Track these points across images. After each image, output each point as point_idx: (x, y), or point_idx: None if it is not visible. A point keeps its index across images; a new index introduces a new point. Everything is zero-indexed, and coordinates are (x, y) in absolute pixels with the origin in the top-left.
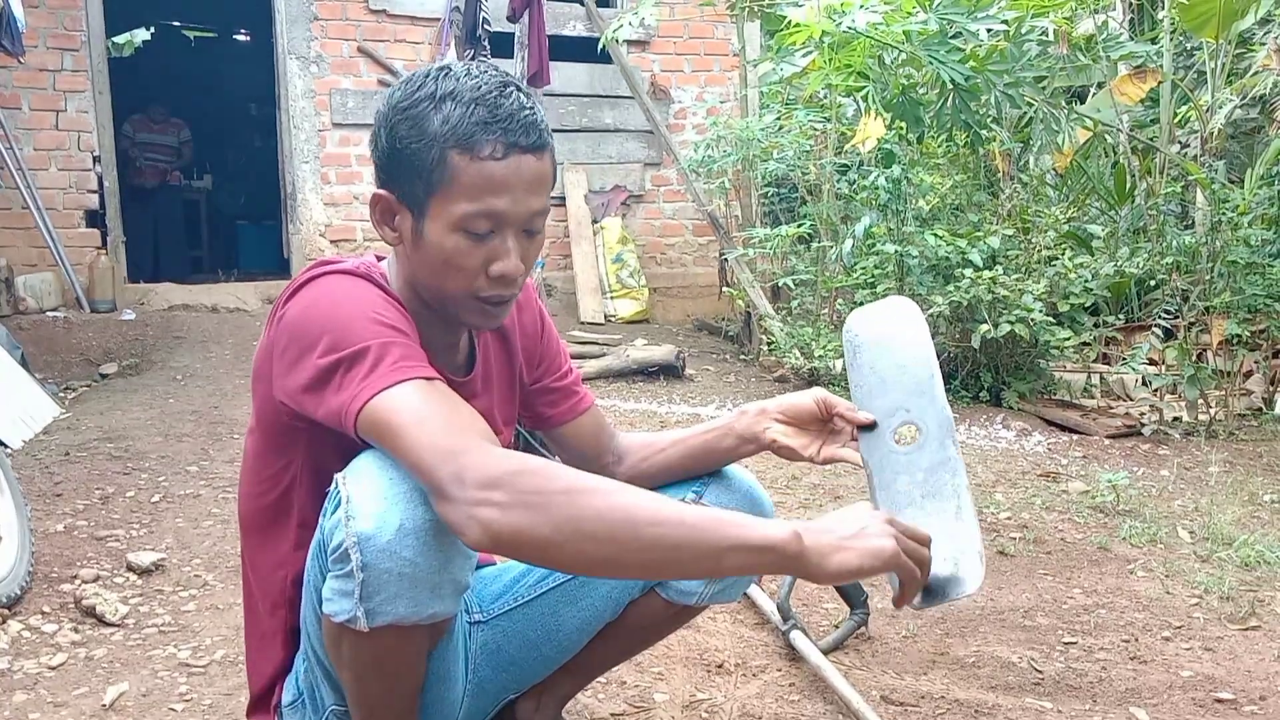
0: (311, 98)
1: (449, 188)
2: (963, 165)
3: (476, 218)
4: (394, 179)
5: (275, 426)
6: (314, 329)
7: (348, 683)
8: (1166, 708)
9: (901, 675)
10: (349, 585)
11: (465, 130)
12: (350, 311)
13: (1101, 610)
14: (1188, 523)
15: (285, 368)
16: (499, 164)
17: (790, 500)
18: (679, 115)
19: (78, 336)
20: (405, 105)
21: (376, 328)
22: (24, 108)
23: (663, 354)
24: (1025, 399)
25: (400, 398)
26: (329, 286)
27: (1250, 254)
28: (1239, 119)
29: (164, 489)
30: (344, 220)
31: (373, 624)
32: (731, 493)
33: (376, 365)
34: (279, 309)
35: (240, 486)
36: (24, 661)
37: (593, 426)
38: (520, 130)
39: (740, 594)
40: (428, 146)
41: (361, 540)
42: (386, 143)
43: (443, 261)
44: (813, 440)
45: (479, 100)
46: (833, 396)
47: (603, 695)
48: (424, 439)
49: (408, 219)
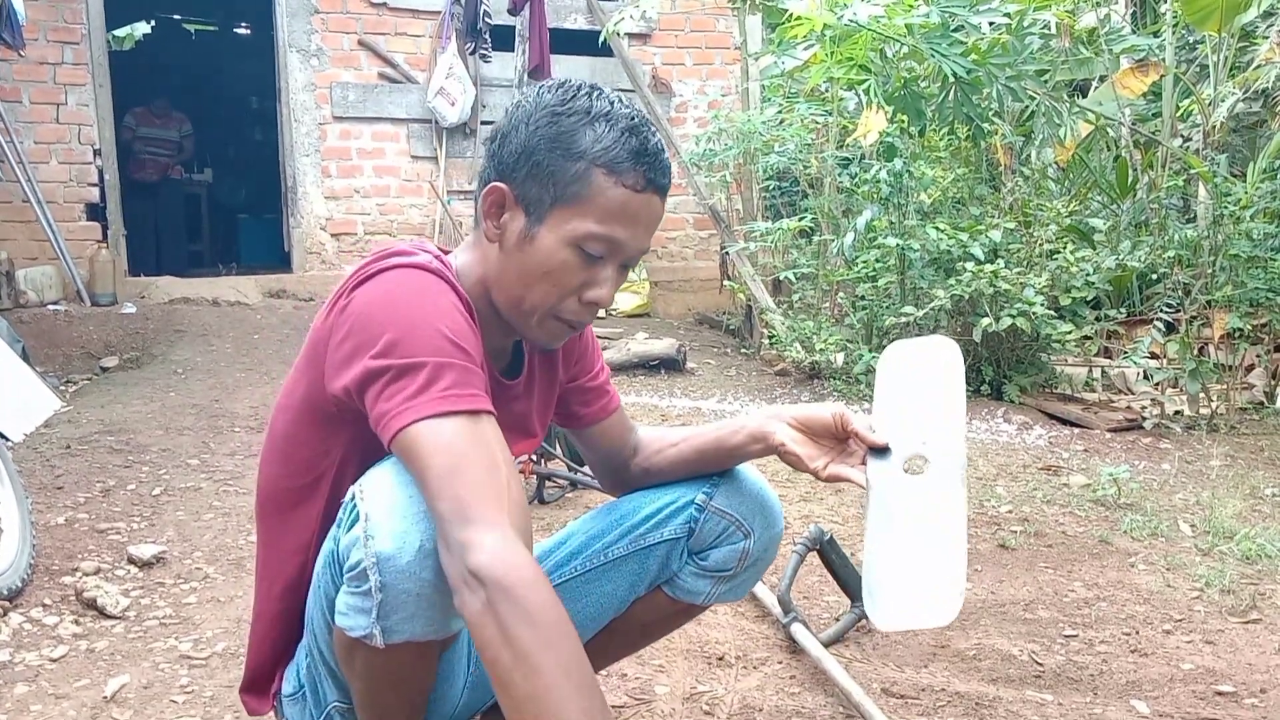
0: (312, 91)
1: (582, 204)
2: (964, 159)
3: (598, 240)
4: (518, 177)
5: (320, 413)
6: (375, 326)
7: (358, 690)
8: (1167, 700)
9: (902, 668)
10: (366, 603)
11: (617, 155)
12: (417, 316)
13: (1102, 603)
14: (1189, 516)
15: (341, 358)
16: (637, 195)
17: (792, 494)
18: (680, 109)
19: (78, 330)
20: (558, 111)
21: (440, 342)
22: (24, 101)
23: (664, 348)
24: (1026, 392)
25: (440, 435)
26: (401, 282)
27: (1252, 248)
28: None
29: (165, 482)
30: (345, 214)
31: (389, 641)
32: (742, 495)
33: (428, 386)
34: (343, 295)
35: (265, 464)
36: (25, 653)
37: (619, 426)
38: (661, 170)
39: (747, 592)
40: (573, 157)
41: (381, 561)
42: (524, 140)
43: (544, 272)
44: (822, 454)
45: (633, 130)
46: (851, 414)
47: (604, 688)
48: (448, 490)
49: (519, 220)
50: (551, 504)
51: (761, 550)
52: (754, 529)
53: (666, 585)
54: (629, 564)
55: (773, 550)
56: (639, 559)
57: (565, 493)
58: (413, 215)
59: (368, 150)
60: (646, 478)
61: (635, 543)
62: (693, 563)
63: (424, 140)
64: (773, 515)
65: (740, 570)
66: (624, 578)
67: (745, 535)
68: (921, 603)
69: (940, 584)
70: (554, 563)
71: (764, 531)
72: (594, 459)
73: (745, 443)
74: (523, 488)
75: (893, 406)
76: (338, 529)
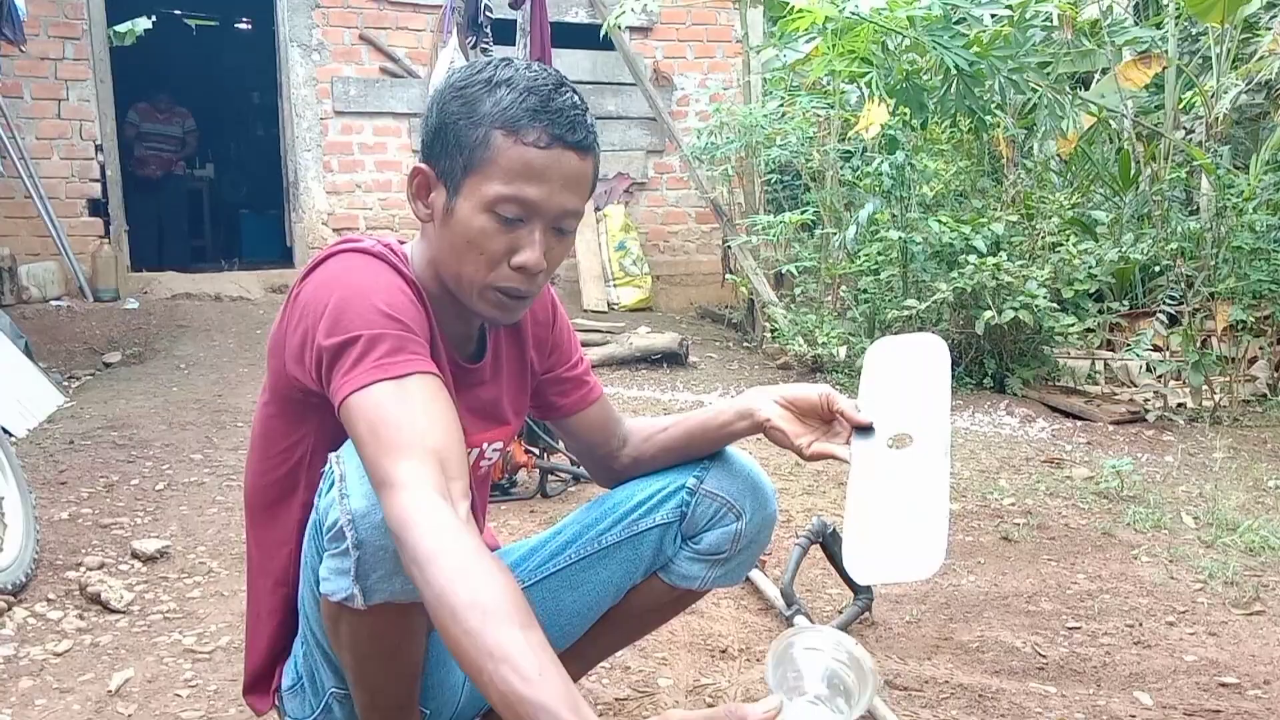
0: (313, 86)
1: (487, 167)
2: (966, 151)
3: (508, 201)
4: (436, 155)
5: (288, 402)
6: (318, 308)
7: (348, 665)
8: (1170, 692)
9: (905, 660)
10: (345, 564)
11: (514, 114)
12: (352, 294)
13: (1105, 595)
14: (1192, 508)
15: (295, 345)
16: (540, 152)
17: (794, 486)
18: (682, 102)
19: (81, 325)
20: (461, 85)
21: (371, 315)
22: (25, 96)
23: (666, 342)
24: (1029, 385)
25: (367, 403)
26: (341, 266)
27: (1255, 240)
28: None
29: (168, 477)
30: (347, 209)
31: (369, 602)
32: (733, 477)
33: (361, 359)
34: (296, 285)
35: (249, 463)
36: (30, 648)
37: (601, 416)
38: (567, 125)
39: (743, 577)
40: (474, 125)
41: (356, 518)
42: (436, 119)
43: (466, 242)
44: (808, 432)
45: (533, 90)
46: (837, 394)
47: (607, 680)
48: (369, 455)
49: (441, 195)
50: (554, 498)
51: (755, 532)
52: (746, 510)
53: (662, 571)
54: (623, 551)
55: (766, 532)
56: (632, 545)
57: (568, 487)
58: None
59: (369, 145)
60: (636, 467)
61: (628, 529)
62: (687, 547)
63: None
64: (765, 496)
65: (734, 553)
66: (618, 565)
67: (738, 517)
68: (902, 556)
69: (921, 540)
70: (548, 552)
71: (756, 512)
72: (579, 450)
73: (732, 420)
74: (452, 432)
75: (878, 393)
76: (319, 497)
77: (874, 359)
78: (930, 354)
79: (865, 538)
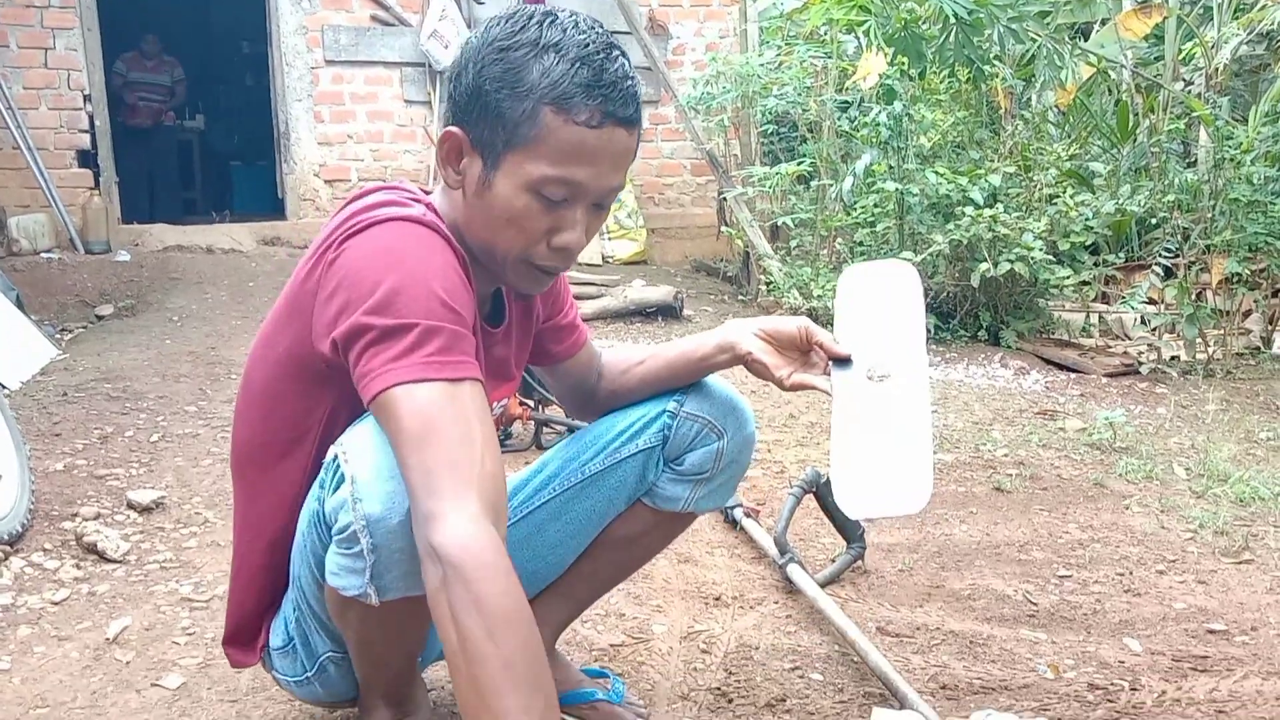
0: (304, 34)
1: (534, 145)
2: (965, 102)
3: (555, 183)
4: (471, 120)
5: (306, 370)
6: (367, 282)
7: (353, 643)
8: (1159, 638)
9: (897, 607)
10: (358, 564)
11: (566, 89)
12: (410, 274)
13: (1096, 545)
14: (1184, 460)
15: (331, 314)
16: (593, 132)
17: (788, 438)
18: (677, 51)
19: (73, 278)
20: (504, 45)
21: (431, 303)
22: (11, 45)
23: (661, 295)
24: (1024, 338)
25: (416, 400)
26: (396, 238)
27: (1252, 192)
28: (1245, 55)
29: (163, 429)
30: (339, 160)
31: (384, 599)
32: (712, 399)
33: (414, 350)
34: (331, 246)
35: (243, 417)
36: (27, 597)
37: (588, 357)
38: (621, 100)
39: (725, 501)
40: (520, 96)
41: (371, 523)
42: (473, 80)
43: (505, 219)
44: (787, 364)
45: (585, 60)
46: (815, 326)
47: (602, 627)
48: (416, 459)
49: (476, 165)
50: (549, 449)
51: (736, 451)
52: (727, 429)
53: (646, 497)
54: (606, 478)
55: (747, 452)
56: (615, 472)
57: (563, 438)
58: (407, 161)
59: (361, 95)
60: (615, 400)
61: (610, 456)
62: (670, 470)
63: (418, 84)
64: (744, 416)
65: (717, 472)
66: (602, 492)
67: (719, 436)
68: (891, 491)
69: (908, 475)
70: (533, 488)
71: (737, 431)
72: (563, 391)
73: (713, 353)
74: (500, 461)
75: (854, 323)
76: (320, 489)
77: (847, 288)
78: (902, 281)
79: (855, 473)
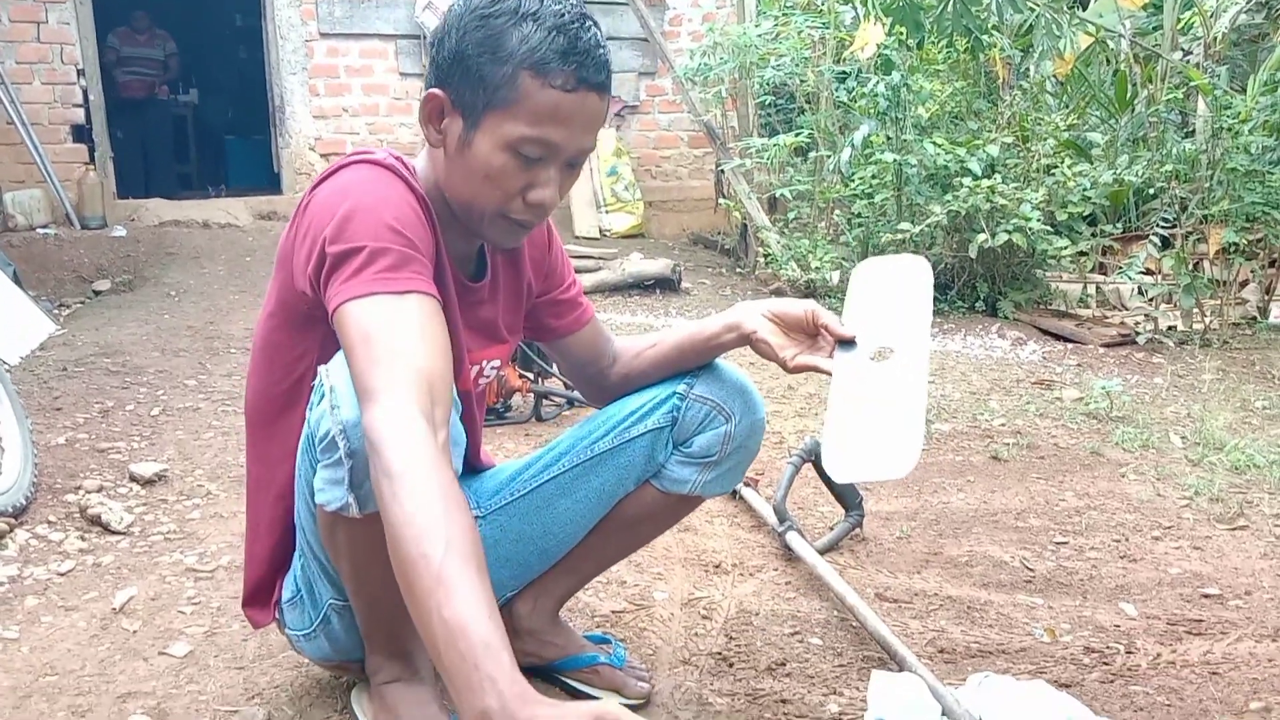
0: (298, 7)
1: (512, 107)
2: (963, 72)
3: (532, 143)
4: (453, 82)
5: (294, 314)
6: (326, 216)
7: (346, 574)
8: (1155, 603)
9: (895, 574)
10: (338, 473)
11: (543, 55)
12: (362, 204)
13: (1093, 512)
14: (1180, 428)
15: (304, 254)
16: (567, 96)
17: (786, 409)
18: (674, 22)
19: (69, 254)
20: (486, 13)
21: (379, 229)
22: (3, 19)
23: (659, 268)
24: (1021, 308)
25: (361, 312)
26: (354, 176)
27: (1250, 162)
28: (1243, 24)
29: (163, 403)
30: (334, 133)
31: (365, 510)
32: (721, 382)
33: (363, 269)
34: (306, 196)
35: (250, 377)
36: (33, 568)
37: (593, 336)
38: (593, 67)
39: (732, 486)
40: (500, 61)
41: (348, 427)
42: (455, 45)
43: (484, 176)
44: (792, 345)
45: (561, 29)
46: (822, 309)
47: (603, 594)
48: (358, 363)
49: (457, 124)
50: (549, 421)
51: (744, 435)
52: (735, 412)
53: (654, 478)
54: (616, 458)
55: (755, 437)
56: (624, 451)
57: (562, 411)
58: (403, 134)
59: (356, 68)
60: (627, 383)
61: (620, 436)
62: (678, 452)
63: (413, 57)
64: (753, 401)
65: (724, 455)
66: (612, 472)
67: (727, 419)
68: (879, 455)
69: (896, 440)
70: (544, 464)
71: (745, 415)
72: (571, 370)
73: (720, 332)
74: (441, 357)
75: (862, 309)
76: (309, 410)
77: (859, 277)
78: (914, 273)
79: (843, 438)
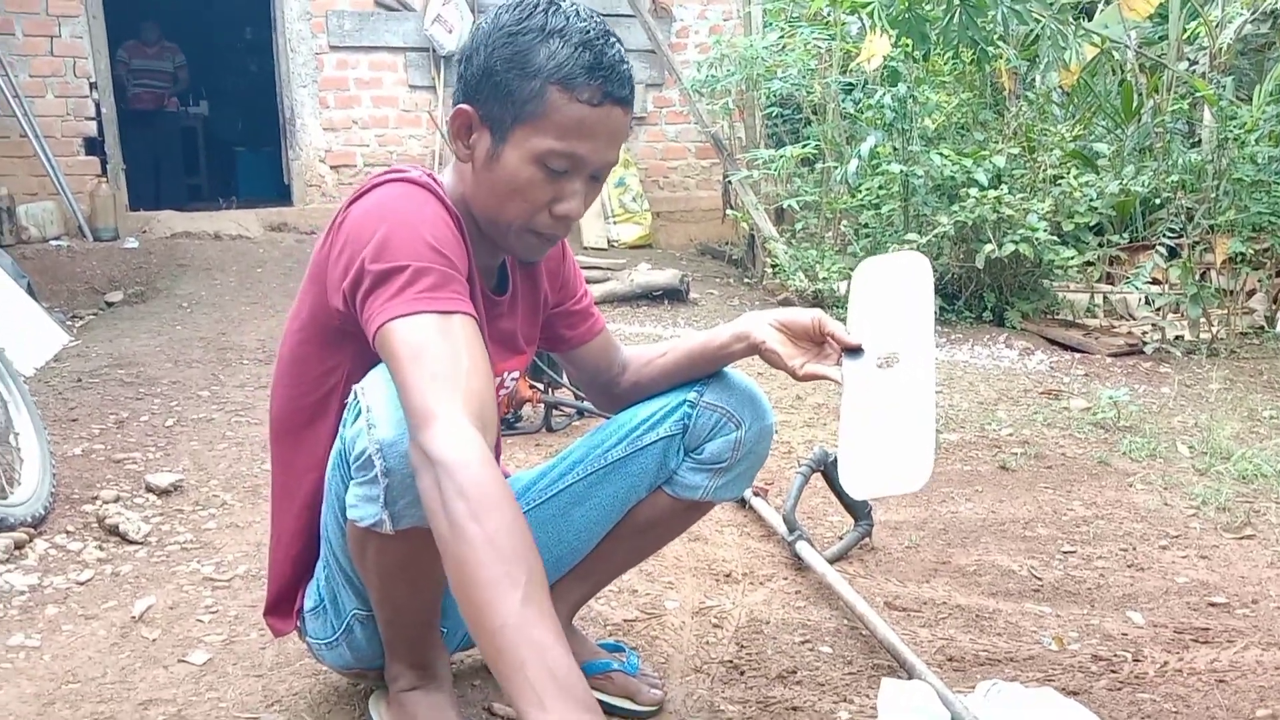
0: (308, 19)
1: (539, 121)
2: (968, 83)
3: (559, 156)
4: (481, 98)
5: (325, 330)
6: (365, 235)
7: (373, 586)
8: (1161, 611)
9: (904, 583)
10: (373, 491)
11: (571, 71)
12: (401, 223)
13: (1100, 521)
14: (1187, 438)
15: (340, 271)
16: (593, 110)
17: (795, 419)
18: (681, 34)
19: (82, 265)
20: (513, 30)
21: (420, 247)
22: (17, 33)
23: (667, 278)
24: (1028, 319)
25: (409, 330)
26: (390, 193)
27: (1256, 172)
28: (1249, 34)
29: (177, 413)
30: (344, 145)
31: (398, 527)
32: (731, 389)
33: (406, 288)
34: (341, 213)
35: (276, 388)
36: (53, 577)
37: (604, 346)
38: (618, 81)
39: (743, 490)
40: (528, 76)
41: (384, 447)
42: (483, 61)
43: (511, 189)
44: (800, 354)
45: (587, 44)
46: (829, 318)
47: (615, 603)
48: (410, 380)
49: (485, 139)
50: (559, 431)
51: (754, 441)
52: (745, 419)
53: (666, 485)
54: (628, 465)
55: (765, 443)
56: (637, 459)
57: (572, 421)
58: (412, 146)
59: (365, 80)
60: (637, 392)
61: (632, 444)
62: (689, 459)
63: (422, 69)
64: (763, 408)
65: (735, 461)
66: (624, 479)
67: (737, 426)
68: (892, 471)
69: (910, 455)
70: (557, 473)
71: (755, 422)
72: (582, 380)
73: (729, 342)
74: (488, 382)
75: (866, 315)
76: (344, 428)
77: (861, 279)
78: (914, 272)
79: (858, 454)
